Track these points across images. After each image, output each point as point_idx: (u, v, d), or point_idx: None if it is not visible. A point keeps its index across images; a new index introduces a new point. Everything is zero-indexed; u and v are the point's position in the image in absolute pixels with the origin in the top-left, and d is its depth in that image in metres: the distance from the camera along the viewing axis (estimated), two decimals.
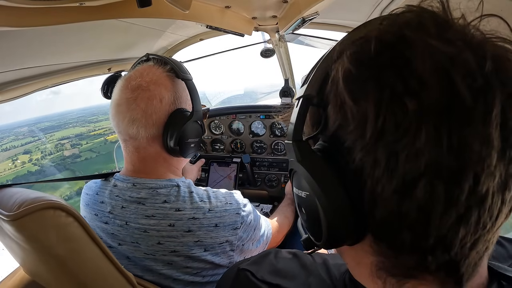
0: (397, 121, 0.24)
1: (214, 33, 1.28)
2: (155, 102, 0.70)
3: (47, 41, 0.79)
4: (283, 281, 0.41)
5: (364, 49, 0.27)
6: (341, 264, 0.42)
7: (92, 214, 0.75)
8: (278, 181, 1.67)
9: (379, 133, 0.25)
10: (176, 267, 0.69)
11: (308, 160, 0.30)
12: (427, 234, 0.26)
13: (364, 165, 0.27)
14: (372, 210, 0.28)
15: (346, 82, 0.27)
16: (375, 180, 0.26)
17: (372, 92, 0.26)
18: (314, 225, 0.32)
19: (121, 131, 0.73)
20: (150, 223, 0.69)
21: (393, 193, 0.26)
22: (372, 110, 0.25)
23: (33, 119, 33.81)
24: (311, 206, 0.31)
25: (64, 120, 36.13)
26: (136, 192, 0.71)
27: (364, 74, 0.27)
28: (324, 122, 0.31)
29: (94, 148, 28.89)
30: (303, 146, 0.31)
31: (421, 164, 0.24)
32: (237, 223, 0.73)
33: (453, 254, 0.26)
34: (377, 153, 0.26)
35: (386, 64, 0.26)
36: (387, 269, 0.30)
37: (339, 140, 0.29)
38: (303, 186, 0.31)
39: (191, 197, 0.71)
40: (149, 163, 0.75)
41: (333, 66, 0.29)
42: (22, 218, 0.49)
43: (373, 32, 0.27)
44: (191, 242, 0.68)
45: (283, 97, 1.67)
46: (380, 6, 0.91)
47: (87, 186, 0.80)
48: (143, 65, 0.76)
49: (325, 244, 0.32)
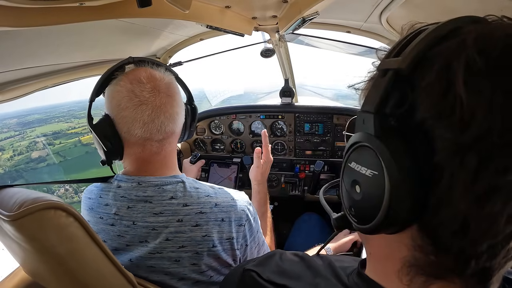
0: (504, 127, 0.24)
1: (214, 33, 1.28)
2: (177, 103, 0.76)
3: (47, 41, 0.79)
4: (289, 281, 0.41)
5: (490, 44, 0.25)
6: (346, 267, 0.42)
7: (97, 218, 0.74)
8: (278, 181, 1.67)
9: (482, 134, 0.24)
10: (184, 264, 0.69)
11: (390, 139, 0.28)
12: (482, 241, 0.26)
13: (448, 161, 0.25)
14: (437, 206, 0.27)
15: (467, 69, 0.25)
16: (455, 180, 0.25)
17: (488, 90, 0.24)
18: (370, 207, 0.30)
19: (141, 136, 0.70)
20: (159, 220, 0.69)
21: (469, 197, 0.25)
22: (484, 108, 0.24)
23: (26, 110, 31.24)
24: (376, 186, 0.29)
25: (54, 113, 33.80)
26: (142, 190, 0.71)
27: (487, 69, 0.25)
28: (411, 103, 0.28)
29: (62, 151, 26.61)
30: (385, 121, 0.29)
31: (508, 179, 0.24)
32: (242, 220, 0.74)
33: (494, 262, 0.27)
34: (469, 153, 0.24)
35: (508, 67, 0.25)
36: (421, 266, 0.30)
37: (426, 127, 0.27)
38: (372, 164, 0.29)
39: (198, 192, 0.72)
40: (159, 161, 0.75)
41: (444, 47, 0.27)
42: (23, 218, 0.49)
43: (495, 31, 0.26)
44: (199, 237, 0.69)
45: (283, 97, 1.67)
46: (380, 6, 0.91)
47: (87, 191, 0.80)
48: (137, 68, 0.74)
49: (371, 228, 0.30)
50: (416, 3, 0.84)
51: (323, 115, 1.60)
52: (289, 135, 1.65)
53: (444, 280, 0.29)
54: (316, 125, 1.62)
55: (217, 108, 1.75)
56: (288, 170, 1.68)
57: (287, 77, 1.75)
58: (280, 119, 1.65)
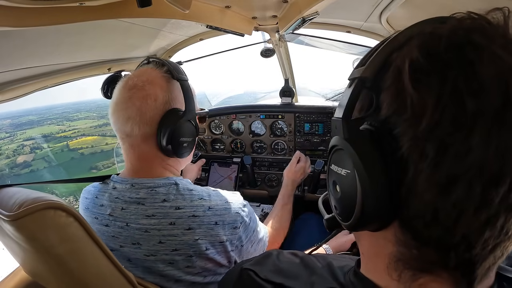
0: (454, 117, 0.26)
1: (214, 33, 1.28)
2: (150, 101, 0.72)
3: (47, 41, 0.79)
4: (286, 280, 0.41)
5: (433, 43, 0.28)
6: (344, 265, 0.43)
7: (92, 218, 0.75)
8: (278, 181, 1.67)
9: (434, 125, 0.26)
10: (178, 267, 0.69)
11: (357, 140, 0.31)
12: (455, 231, 0.27)
13: (410, 154, 0.27)
14: (407, 199, 0.28)
15: (411, 70, 0.28)
16: (418, 171, 0.27)
17: (435, 85, 0.27)
18: (347, 204, 0.33)
19: (118, 129, 0.74)
20: (151, 222, 0.69)
21: (433, 186, 0.27)
22: (432, 101, 0.26)
23: (21, 111, 29.81)
24: (350, 184, 0.32)
25: (48, 115, 32.55)
26: (135, 192, 0.71)
27: (430, 66, 0.27)
28: (376, 106, 0.31)
29: (48, 156, 25.44)
30: (352, 125, 0.32)
31: (467, 163, 0.25)
32: (236, 223, 0.74)
33: (473, 253, 0.28)
34: (426, 145, 0.26)
35: (452, 62, 0.27)
36: (407, 260, 0.31)
37: (390, 126, 0.29)
38: (346, 164, 0.32)
39: (191, 195, 0.72)
40: (146, 162, 0.75)
41: (397, 53, 0.30)
42: (23, 218, 0.49)
43: (442, 29, 0.28)
44: (192, 240, 0.68)
45: (283, 97, 1.67)
46: (380, 6, 0.91)
47: (85, 190, 0.81)
48: (143, 67, 0.80)
49: (352, 225, 0.33)
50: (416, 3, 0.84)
51: (323, 115, 1.60)
52: (289, 135, 1.65)
53: (431, 274, 0.30)
54: (316, 125, 1.62)
55: (217, 108, 1.75)
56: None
57: (287, 77, 1.75)
58: (280, 119, 1.65)
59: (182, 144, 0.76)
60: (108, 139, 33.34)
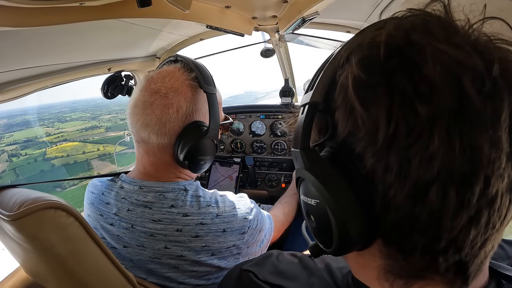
0: (409, 127, 0.24)
1: (214, 33, 1.28)
2: (171, 111, 0.67)
3: (47, 41, 0.79)
4: (285, 281, 0.41)
5: (372, 54, 0.27)
6: (343, 266, 0.42)
7: (97, 214, 0.74)
8: (278, 181, 1.67)
9: (391, 139, 0.25)
10: (182, 271, 0.69)
11: (317, 168, 0.30)
12: (439, 237, 0.26)
13: (375, 171, 0.27)
14: (383, 214, 0.28)
15: (355, 88, 0.27)
16: (387, 186, 0.26)
17: (382, 98, 0.25)
18: (324, 232, 0.31)
19: (134, 132, 0.72)
20: (157, 227, 0.68)
21: (405, 198, 0.26)
22: (383, 116, 0.25)
23: (19, 109, 28.43)
24: (321, 213, 0.30)
25: (44, 114, 30.91)
26: (142, 195, 0.70)
27: (374, 80, 0.26)
28: (332, 128, 0.30)
29: (20, 167, 22.52)
30: (311, 154, 0.30)
31: (434, 168, 0.24)
32: (244, 228, 0.73)
33: (463, 254, 0.27)
34: (389, 158, 0.26)
35: (395, 70, 0.25)
36: (396, 271, 0.30)
37: (349, 146, 0.29)
38: (313, 194, 0.31)
39: (199, 202, 0.70)
40: (159, 169, 0.73)
41: (340, 72, 0.29)
42: (23, 218, 0.49)
43: (380, 36, 0.27)
44: (199, 247, 0.67)
45: (283, 97, 1.67)
46: (380, 6, 0.91)
47: (92, 184, 0.79)
48: (169, 66, 0.74)
49: (335, 250, 0.31)
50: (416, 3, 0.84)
51: None
52: (290, 135, 1.65)
53: (423, 279, 0.30)
54: None
55: None
56: (288, 170, 1.67)
57: (287, 77, 1.75)
58: (280, 119, 1.65)
59: (200, 162, 0.73)
60: (88, 147, 30.80)
